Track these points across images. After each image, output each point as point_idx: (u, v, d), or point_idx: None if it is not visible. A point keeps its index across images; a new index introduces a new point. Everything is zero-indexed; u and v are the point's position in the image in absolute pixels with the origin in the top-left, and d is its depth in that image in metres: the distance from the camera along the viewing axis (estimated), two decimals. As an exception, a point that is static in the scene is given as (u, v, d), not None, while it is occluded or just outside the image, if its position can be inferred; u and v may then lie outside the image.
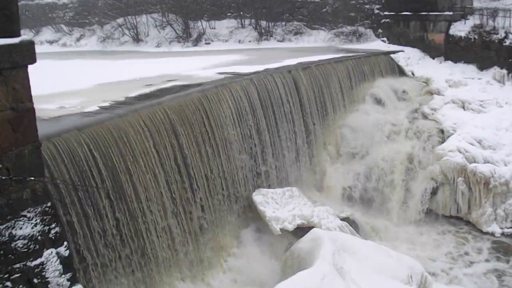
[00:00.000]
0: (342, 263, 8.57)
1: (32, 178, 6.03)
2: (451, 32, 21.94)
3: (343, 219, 13.28)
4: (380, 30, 24.62)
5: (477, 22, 21.32)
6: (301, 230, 11.72)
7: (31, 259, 5.97)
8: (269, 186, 13.69)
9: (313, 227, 11.38)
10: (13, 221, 5.86)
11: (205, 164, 11.73)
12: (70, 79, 15.91)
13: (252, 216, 12.74)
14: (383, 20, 24.37)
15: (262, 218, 12.33)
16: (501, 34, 20.18)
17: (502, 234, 14.26)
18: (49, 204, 6.33)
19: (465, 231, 14.65)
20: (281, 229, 12.00)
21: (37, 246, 6.05)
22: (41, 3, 34.68)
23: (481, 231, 14.48)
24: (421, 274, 9.41)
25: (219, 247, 11.80)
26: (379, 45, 23.55)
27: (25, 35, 6.18)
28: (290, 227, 12.09)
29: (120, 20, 31.06)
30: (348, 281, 8.08)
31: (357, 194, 15.61)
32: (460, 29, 21.79)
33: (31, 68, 6.18)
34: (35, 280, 5.97)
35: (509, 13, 20.36)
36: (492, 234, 14.29)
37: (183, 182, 11.05)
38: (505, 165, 14.88)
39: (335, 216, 13.15)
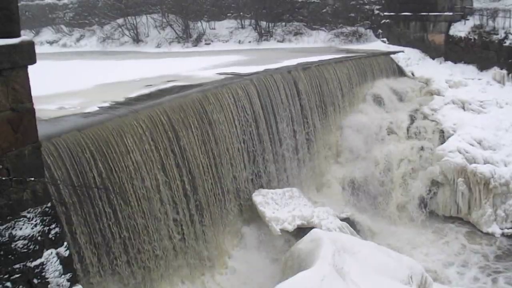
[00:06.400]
0: (342, 263, 8.55)
1: (32, 179, 6.02)
2: (451, 32, 21.95)
3: (343, 220, 13.28)
4: (380, 31, 24.63)
5: (477, 22, 21.33)
6: (301, 231, 11.71)
7: (31, 259, 5.96)
8: (269, 187, 13.68)
9: (313, 227, 11.34)
10: (13, 222, 5.85)
11: (205, 164, 11.72)
12: (70, 80, 15.90)
13: (252, 216, 12.74)
14: (383, 21, 24.38)
15: (262, 219, 12.32)
16: (501, 34, 20.18)
17: (502, 234, 14.27)
18: (49, 204, 6.33)
19: (465, 232, 14.66)
20: (281, 230, 11.99)
21: (37, 247, 6.04)
22: (41, 4, 34.66)
23: (481, 232, 14.49)
24: (421, 275, 9.41)
25: (219, 248, 11.79)
26: (379, 45, 23.55)
27: (25, 35, 6.17)
28: (290, 227, 12.08)
29: (120, 21, 31.07)
30: (348, 282, 8.07)
31: (357, 194, 15.60)
32: (460, 29, 21.80)
33: (31, 68, 6.18)
34: (35, 281, 5.96)
35: (509, 13, 20.36)
36: (492, 234, 14.30)
37: (183, 182, 11.04)
38: (505, 166, 14.90)
39: (335, 216, 13.14)
